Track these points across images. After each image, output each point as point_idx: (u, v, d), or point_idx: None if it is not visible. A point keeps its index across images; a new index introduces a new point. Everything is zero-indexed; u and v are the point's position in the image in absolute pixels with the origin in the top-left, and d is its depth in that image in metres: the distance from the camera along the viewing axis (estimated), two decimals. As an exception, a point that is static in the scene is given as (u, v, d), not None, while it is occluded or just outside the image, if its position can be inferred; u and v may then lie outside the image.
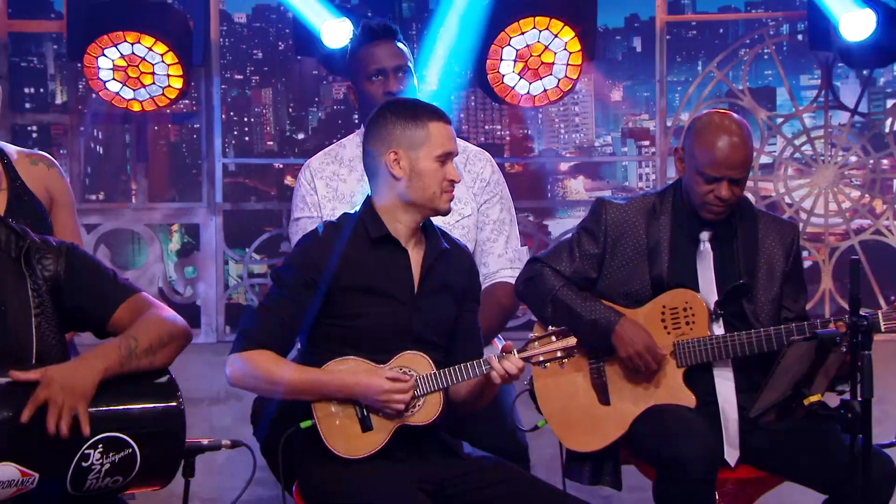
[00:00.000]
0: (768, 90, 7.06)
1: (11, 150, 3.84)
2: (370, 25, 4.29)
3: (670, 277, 3.95)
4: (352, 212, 3.63)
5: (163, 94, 5.77)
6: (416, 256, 3.58)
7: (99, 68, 5.66)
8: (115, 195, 6.82)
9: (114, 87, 5.71)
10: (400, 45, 4.28)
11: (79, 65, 5.75)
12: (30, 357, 3.00)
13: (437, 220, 3.73)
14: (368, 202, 3.59)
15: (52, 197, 3.83)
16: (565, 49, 5.79)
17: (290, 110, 7.55)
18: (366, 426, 3.44)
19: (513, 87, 5.86)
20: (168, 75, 5.71)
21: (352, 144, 4.33)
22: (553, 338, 3.47)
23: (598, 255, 4.00)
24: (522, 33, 5.76)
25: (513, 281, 4.19)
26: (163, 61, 5.67)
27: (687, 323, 3.93)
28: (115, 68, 5.66)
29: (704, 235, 3.97)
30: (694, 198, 3.91)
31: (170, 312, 3.17)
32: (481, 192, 4.28)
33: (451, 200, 3.56)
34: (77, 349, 3.62)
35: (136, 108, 5.80)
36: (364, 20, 4.40)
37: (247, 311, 3.75)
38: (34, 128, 7.05)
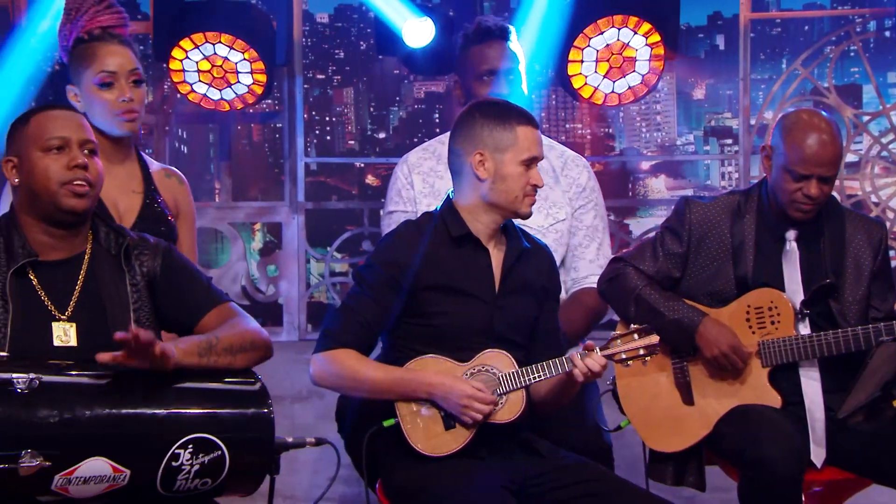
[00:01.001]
0: (854, 87, 6.97)
1: (151, 161, 3.96)
2: (485, 24, 4.27)
3: (755, 277, 3.91)
4: (433, 210, 3.63)
5: (246, 94, 5.82)
6: (496, 255, 3.57)
7: (184, 69, 5.71)
8: (199, 194, 6.91)
9: (199, 87, 5.78)
10: (512, 46, 4.27)
11: (164, 65, 5.81)
12: None
13: (530, 223, 3.73)
14: (449, 201, 3.59)
15: (178, 210, 3.93)
16: (647, 47, 5.75)
17: (372, 109, 7.59)
18: (448, 424, 3.44)
19: (594, 86, 5.83)
20: (251, 74, 5.75)
21: None
22: (635, 336, 3.45)
23: (681, 255, 3.96)
24: (604, 32, 5.73)
25: None
26: (246, 61, 5.71)
27: (772, 322, 3.88)
28: (199, 69, 5.71)
29: (790, 234, 3.91)
30: (782, 196, 3.86)
31: (255, 324, 3.21)
32: (576, 197, 4.26)
33: (533, 205, 3.54)
34: None
35: (221, 107, 5.85)
36: (479, 18, 4.39)
37: (329, 310, 3.77)
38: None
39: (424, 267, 3.48)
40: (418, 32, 5.62)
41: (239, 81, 5.76)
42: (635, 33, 5.73)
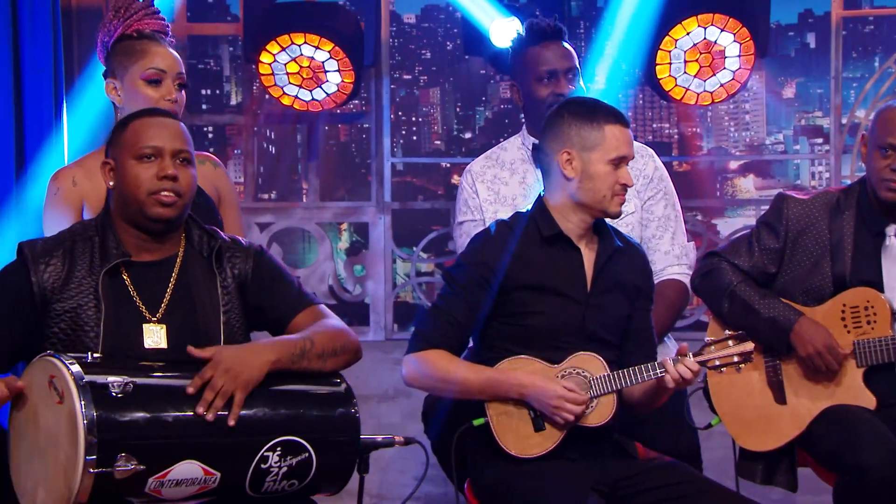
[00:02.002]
0: (948, 86, 6.81)
1: None
2: (539, 25, 4.24)
3: (853, 275, 3.84)
4: (524, 210, 3.61)
5: (334, 95, 5.83)
6: (588, 255, 3.54)
7: (273, 70, 5.74)
8: (286, 194, 6.94)
9: (287, 88, 5.79)
10: (567, 45, 4.24)
11: (253, 66, 5.84)
12: None
13: None
14: (540, 200, 3.57)
15: (220, 195, 3.92)
16: (736, 43, 5.67)
17: (458, 110, 7.58)
18: (538, 426, 3.42)
19: (682, 85, 5.76)
20: (339, 74, 5.76)
21: (513, 147, 4.31)
22: (730, 342, 3.42)
23: (778, 250, 3.90)
24: (692, 31, 5.66)
25: (681, 278, 4.14)
26: (335, 62, 5.73)
27: (868, 322, 3.81)
28: (288, 70, 5.74)
29: (891, 230, 3.84)
30: (874, 178, 3.80)
31: (345, 326, 3.22)
32: (645, 188, 4.21)
33: (623, 204, 3.51)
34: None
35: (309, 108, 5.88)
36: (531, 19, 4.36)
37: (420, 311, 3.77)
38: (210, 128, 7.22)
39: (515, 267, 3.47)
40: (505, 32, 5.59)
41: (327, 82, 5.78)
42: (724, 31, 5.65)
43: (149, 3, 3.87)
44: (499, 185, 4.24)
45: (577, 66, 4.23)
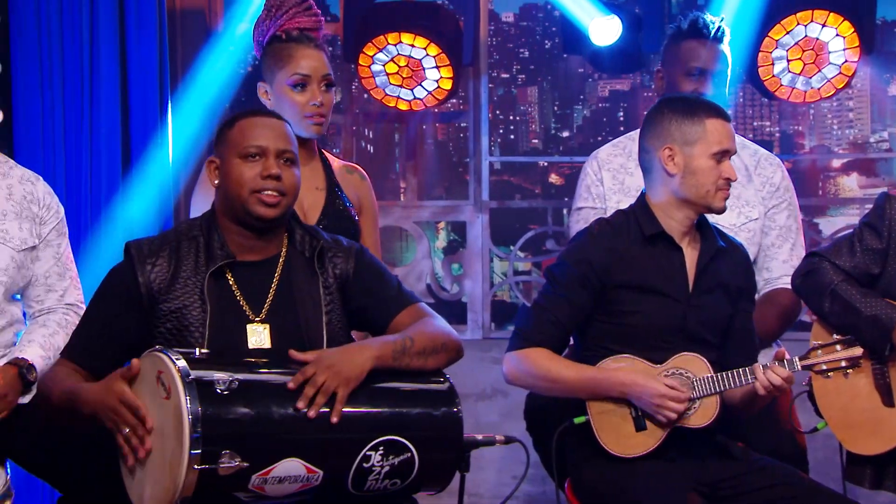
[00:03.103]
0: None
1: (332, 158, 4.00)
2: (702, 21, 4.20)
3: (958, 275, 3.74)
4: (625, 208, 3.58)
5: (433, 94, 5.83)
6: (690, 254, 3.51)
7: (373, 69, 5.76)
8: (384, 193, 6.96)
9: (386, 87, 5.81)
10: (724, 49, 4.20)
11: (353, 66, 5.87)
12: None
13: (722, 222, 3.65)
14: (642, 199, 3.55)
15: (361, 206, 3.96)
16: (841, 43, 5.56)
17: (556, 108, 7.56)
18: (640, 426, 3.39)
19: (785, 83, 5.67)
20: (438, 73, 5.76)
21: None
22: (837, 347, 3.37)
23: (881, 251, 3.82)
24: (796, 27, 5.57)
25: None
26: (434, 61, 5.73)
27: (975, 322, 3.71)
28: (387, 69, 5.75)
29: None
30: None
31: (447, 325, 3.21)
32: (770, 196, 4.17)
33: (727, 199, 3.47)
34: None
35: (407, 107, 5.88)
36: (697, 13, 4.32)
37: (521, 309, 3.76)
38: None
39: (617, 265, 3.45)
40: (605, 30, 5.55)
41: (426, 81, 5.78)
42: (825, 27, 5.55)
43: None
44: (624, 174, 4.20)
45: (728, 71, 4.19)
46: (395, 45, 5.69)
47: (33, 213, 3.72)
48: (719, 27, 4.18)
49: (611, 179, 4.21)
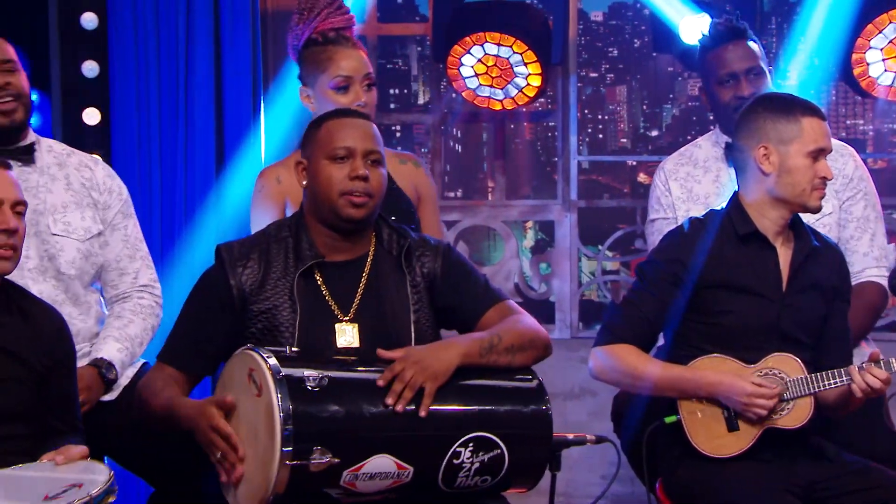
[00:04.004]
0: None
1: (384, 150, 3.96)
2: (719, 27, 4.15)
3: None
4: (718, 208, 3.54)
5: (521, 93, 5.82)
6: (784, 253, 3.46)
7: (462, 69, 5.76)
8: (472, 193, 6.96)
9: (475, 86, 5.80)
10: (751, 44, 4.13)
11: (441, 65, 5.87)
12: None
13: None
14: (736, 198, 3.51)
15: (419, 195, 3.93)
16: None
17: (645, 107, 7.50)
18: (732, 426, 3.35)
19: (880, 81, 5.57)
20: (527, 72, 5.75)
21: (707, 144, 4.23)
22: None
23: None
24: (887, 27, 5.46)
25: (880, 280, 4.00)
26: (523, 61, 5.71)
27: None
28: (476, 69, 5.75)
29: None
30: None
31: (535, 322, 3.19)
32: (843, 188, 4.08)
33: (823, 198, 3.42)
34: None
35: (497, 107, 5.87)
36: (713, 20, 4.27)
37: (610, 305, 3.74)
38: (398, 127, 7.30)
39: (709, 265, 3.41)
40: (696, 29, 5.50)
41: (515, 81, 5.77)
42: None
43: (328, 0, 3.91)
44: (692, 182, 4.16)
45: (762, 64, 4.12)
46: (484, 45, 5.68)
47: (94, 199, 3.74)
48: (735, 26, 4.11)
49: (678, 189, 4.16)
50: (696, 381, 3.38)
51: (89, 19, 5.10)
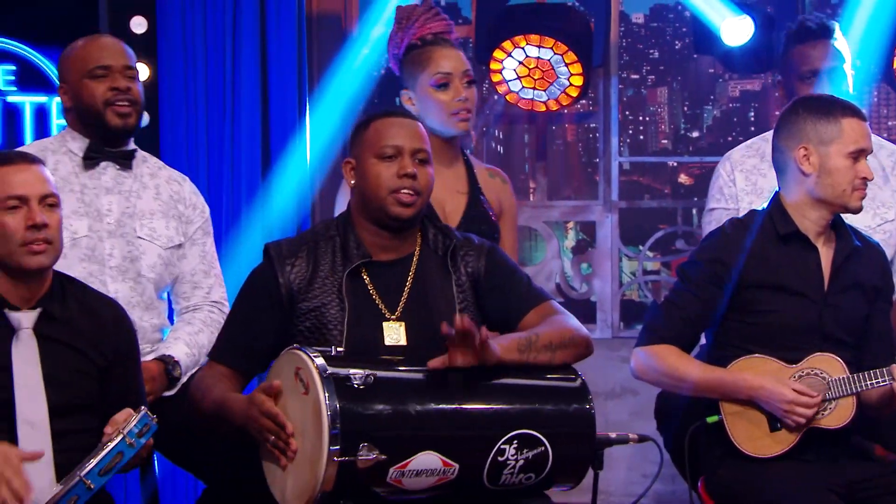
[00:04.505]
0: None
1: (475, 161, 4.02)
2: (808, 23, 4.14)
3: None
4: (759, 209, 3.53)
5: (563, 95, 5.81)
6: (826, 253, 3.45)
7: (504, 71, 5.76)
8: (514, 193, 6.94)
9: (517, 88, 5.80)
10: (836, 45, 4.13)
11: (484, 67, 5.88)
12: None
13: (857, 223, 3.58)
14: (777, 198, 3.50)
15: (502, 210, 3.97)
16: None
17: (685, 108, 7.48)
18: (774, 426, 3.34)
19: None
20: (569, 75, 5.74)
21: None
22: None
23: None
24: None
25: None
26: (564, 63, 5.71)
27: None
28: (518, 71, 5.75)
29: None
30: None
31: (576, 321, 3.19)
32: None
33: (863, 198, 3.41)
34: None
35: (539, 108, 5.87)
36: (802, 17, 4.26)
37: (652, 305, 3.73)
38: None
39: (751, 265, 3.40)
40: (737, 30, 5.48)
41: (556, 82, 5.76)
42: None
43: (429, 6, 3.94)
44: (757, 176, 4.14)
45: (845, 67, 4.12)
46: (526, 48, 5.68)
47: (179, 212, 3.80)
48: (825, 25, 4.09)
49: (743, 180, 4.15)
50: (736, 384, 3.37)
51: (138, 23, 5.14)
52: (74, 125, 3.72)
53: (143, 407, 2.91)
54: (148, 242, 3.71)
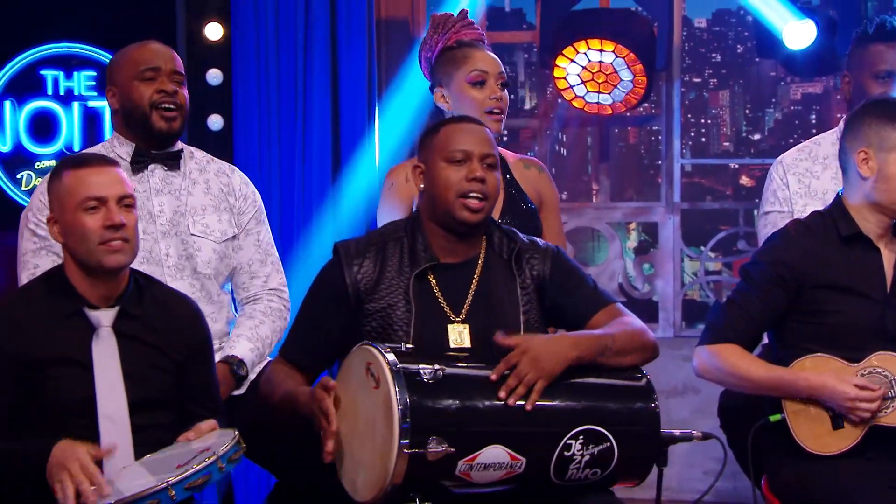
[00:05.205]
0: None
1: (508, 154, 4.00)
2: (890, 24, 4.09)
3: None
4: (822, 209, 3.50)
5: (626, 98, 5.80)
6: (888, 255, 3.41)
7: (568, 75, 5.75)
8: (576, 195, 6.95)
9: (581, 92, 5.80)
10: None
11: (548, 72, 5.88)
12: None
13: None
14: (839, 200, 3.46)
15: (541, 199, 3.95)
16: None
17: (747, 111, 7.43)
18: (836, 424, 3.30)
19: None
20: (632, 77, 5.73)
21: (827, 142, 4.17)
22: None
23: None
24: None
25: None
26: (627, 66, 5.70)
27: None
28: (582, 75, 5.74)
29: None
30: None
31: (643, 325, 3.19)
32: None
33: None
34: None
35: (602, 111, 5.86)
36: (883, 17, 4.21)
37: (714, 304, 3.70)
38: (505, 132, 7.30)
39: (813, 266, 3.37)
40: (800, 34, 5.45)
41: (620, 86, 5.75)
42: None
43: (464, 15, 3.97)
44: (810, 178, 4.11)
45: None
46: (588, 52, 5.68)
47: (230, 204, 3.81)
48: None
49: (796, 183, 4.11)
50: (798, 383, 3.34)
51: (214, 30, 5.20)
52: (120, 130, 3.75)
53: (236, 432, 2.92)
54: (202, 238, 3.73)
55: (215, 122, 5.20)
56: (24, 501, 2.99)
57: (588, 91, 5.78)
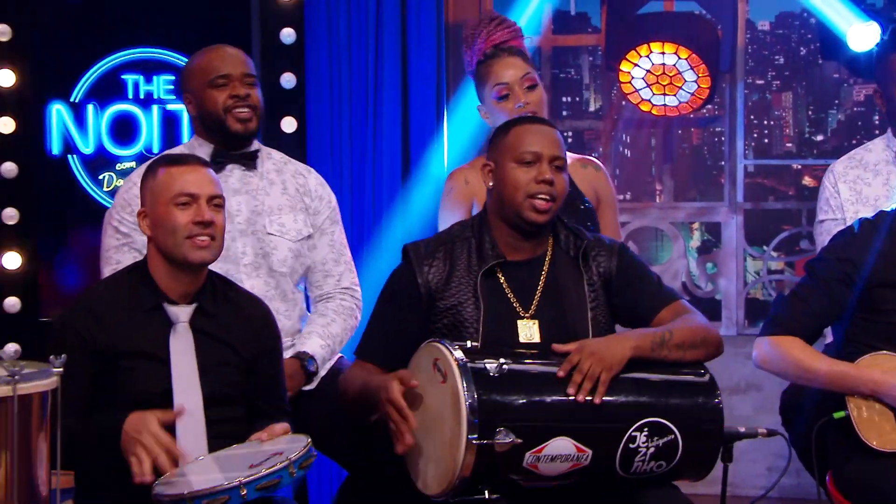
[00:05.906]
0: None
1: (568, 154, 3.98)
2: None
3: None
4: (888, 209, 3.45)
5: (690, 100, 5.77)
6: (955, 254, 3.36)
7: (633, 78, 5.73)
8: (640, 195, 6.91)
9: (645, 94, 5.77)
10: None
11: (613, 74, 5.86)
12: None
13: None
14: (903, 197, 3.43)
15: (598, 197, 3.94)
16: None
17: (810, 113, 7.35)
18: (902, 421, 3.27)
19: None
20: (696, 79, 5.69)
21: (877, 149, 4.12)
22: None
23: None
24: None
25: None
26: (692, 69, 5.66)
27: None
28: (647, 77, 5.71)
29: None
30: None
31: (706, 321, 3.17)
32: None
33: None
34: None
35: (666, 113, 5.83)
36: (894, 25, 4.16)
37: (778, 296, 3.66)
38: (569, 133, 7.30)
39: (879, 264, 3.34)
40: (863, 36, 5.37)
41: (684, 88, 5.72)
42: None
43: (490, 17, 3.96)
44: (861, 185, 4.07)
45: None
46: (652, 55, 5.65)
47: (306, 204, 3.83)
48: None
49: (847, 191, 4.07)
50: (860, 379, 3.30)
51: (288, 34, 5.23)
52: (200, 132, 3.79)
53: (308, 438, 2.92)
54: (278, 238, 3.75)
55: (289, 124, 5.23)
56: (104, 478, 3.02)
57: (654, 94, 5.75)
